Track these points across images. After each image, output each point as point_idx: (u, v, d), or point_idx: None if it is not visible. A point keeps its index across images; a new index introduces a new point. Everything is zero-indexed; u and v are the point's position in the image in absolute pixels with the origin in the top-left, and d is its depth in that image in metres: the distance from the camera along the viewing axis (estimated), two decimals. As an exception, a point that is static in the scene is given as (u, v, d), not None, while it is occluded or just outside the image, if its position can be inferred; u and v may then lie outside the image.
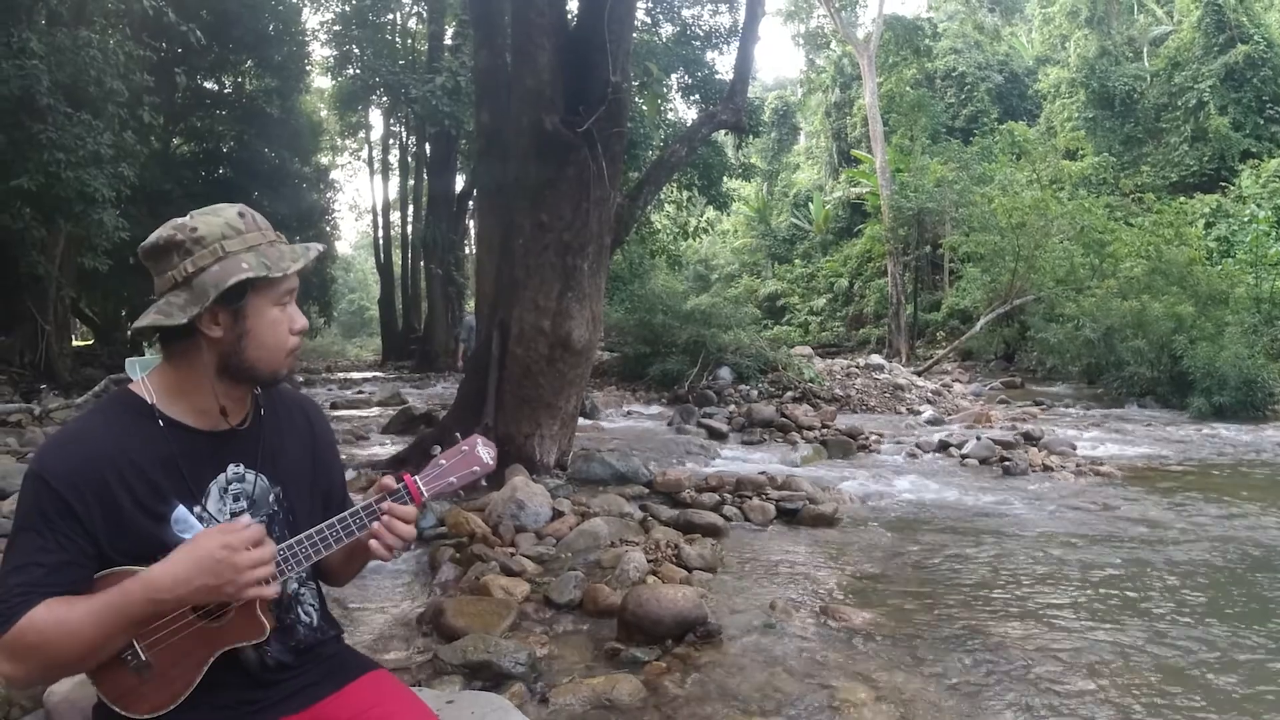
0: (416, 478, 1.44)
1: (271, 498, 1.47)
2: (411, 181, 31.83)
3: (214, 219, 1.37)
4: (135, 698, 1.32)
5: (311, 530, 1.38)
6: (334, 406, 13.25)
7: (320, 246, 1.47)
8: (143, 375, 1.43)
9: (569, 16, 7.64)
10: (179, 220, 1.37)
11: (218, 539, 1.27)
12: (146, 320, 1.35)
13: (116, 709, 1.32)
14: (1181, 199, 23.93)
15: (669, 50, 18.57)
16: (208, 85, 21.95)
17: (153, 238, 1.38)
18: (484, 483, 5.67)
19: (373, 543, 1.41)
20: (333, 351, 41.62)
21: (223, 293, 1.32)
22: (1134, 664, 3.35)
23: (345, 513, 1.41)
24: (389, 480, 1.44)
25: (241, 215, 1.39)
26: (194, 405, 1.40)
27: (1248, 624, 3.82)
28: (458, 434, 1.53)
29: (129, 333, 21.20)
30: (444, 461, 1.46)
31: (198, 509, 1.37)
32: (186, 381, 1.39)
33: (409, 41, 27.41)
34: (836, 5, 29.95)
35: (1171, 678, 3.22)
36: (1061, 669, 3.27)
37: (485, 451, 1.47)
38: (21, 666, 1.25)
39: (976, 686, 3.11)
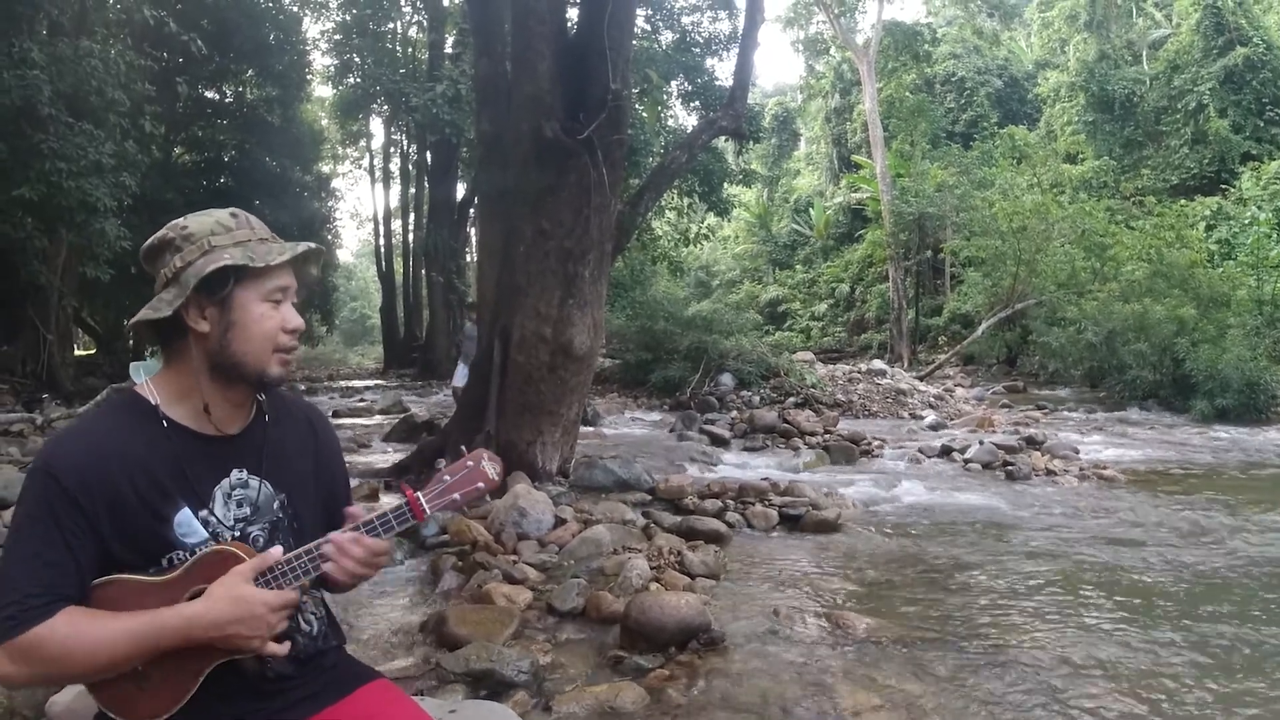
0: (419, 494, 1.42)
1: (276, 504, 1.46)
2: (412, 189, 31.91)
3: (206, 218, 1.40)
4: (131, 706, 1.31)
5: (310, 545, 1.38)
6: (336, 415, 13.25)
7: (312, 244, 1.47)
8: (146, 379, 1.43)
9: (569, 24, 7.65)
10: (175, 220, 1.41)
11: (269, 598, 1.31)
12: (138, 316, 1.36)
13: (115, 717, 1.32)
14: (1182, 202, 23.93)
15: (669, 57, 18.61)
16: (209, 94, 22.03)
17: (150, 239, 1.41)
18: (488, 497, 5.66)
19: (327, 566, 1.38)
20: (334, 360, 41.71)
21: (205, 282, 1.33)
22: (1141, 668, 3.33)
23: (347, 528, 1.40)
24: (370, 508, 1.44)
25: (234, 215, 1.42)
26: (195, 409, 1.40)
27: (1255, 627, 3.80)
28: (463, 447, 1.51)
29: (130, 341, 21.26)
30: (448, 477, 1.44)
31: (204, 513, 1.37)
32: (185, 384, 1.40)
33: (409, 50, 27.51)
34: (836, 11, 30.03)
35: (1179, 681, 3.20)
36: (1068, 674, 3.25)
37: (490, 467, 1.45)
38: (27, 671, 1.24)
39: (982, 693, 3.09)
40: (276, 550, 1.36)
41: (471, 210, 26.23)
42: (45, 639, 1.21)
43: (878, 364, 18.82)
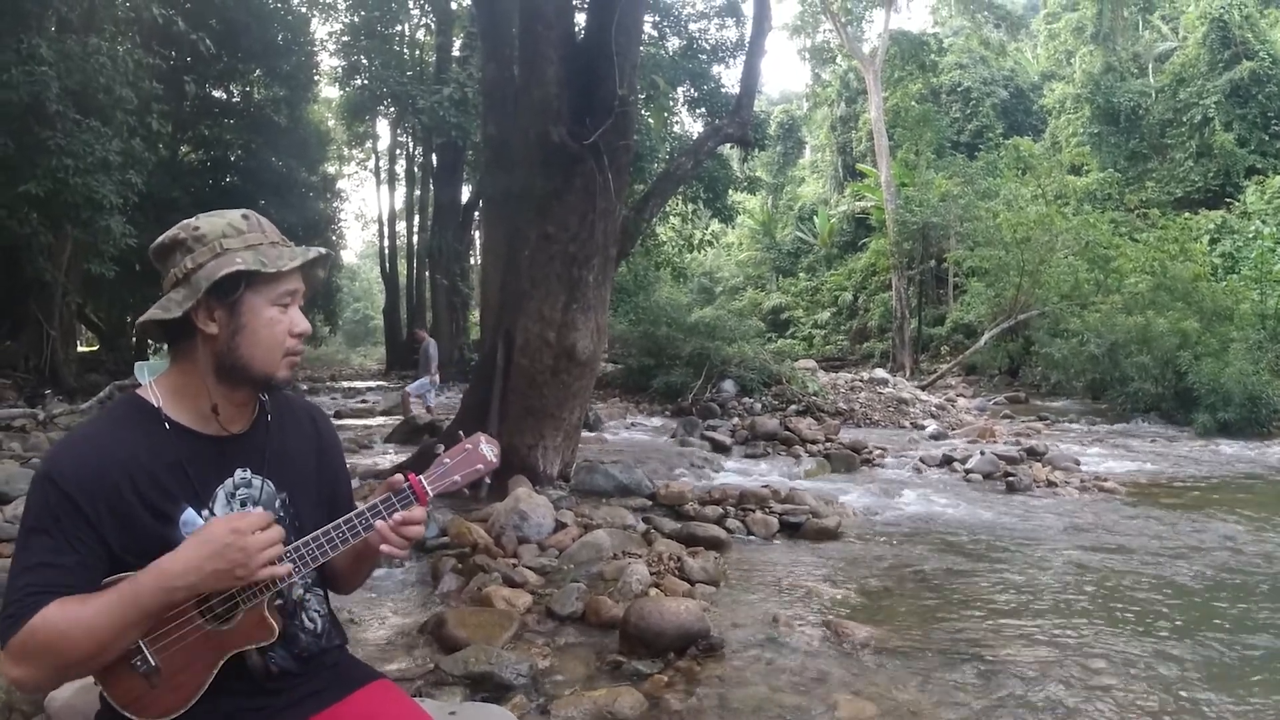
0: (421, 477, 1.43)
1: (278, 503, 1.47)
2: (418, 191, 31.98)
3: (218, 219, 1.40)
4: (145, 702, 1.32)
5: (318, 532, 1.38)
6: (338, 415, 13.27)
7: (323, 250, 1.47)
8: (151, 380, 1.43)
9: (577, 29, 7.68)
10: (186, 220, 1.41)
11: (225, 524, 1.28)
12: (146, 315, 1.37)
13: (126, 714, 1.32)
14: (1186, 215, 23.92)
15: (676, 63, 18.62)
16: (216, 94, 22.06)
17: (161, 237, 1.41)
18: (488, 480, 5.65)
19: (384, 546, 1.41)
20: (337, 360, 41.72)
21: (217, 285, 1.33)
22: (1139, 681, 3.32)
23: (351, 514, 1.41)
24: (397, 478, 1.44)
25: (245, 217, 1.41)
26: (199, 409, 1.41)
27: (1253, 641, 3.79)
28: (460, 432, 1.52)
29: (134, 338, 21.31)
30: (448, 460, 1.45)
31: (205, 513, 1.38)
32: (190, 384, 1.40)
33: (417, 53, 27.59)
34: (843, 20, 30.10)
35: (1177, 695, 3.20)
36: (1066, 686, 3.25)
37: (489, 449, 1.47)
38: (33, 668, 1.25)
39: (980, 702, 3.09)
40: (258, 512, 1.36)
41: (476, 213, 26.28)
42: (38, 626, 1.22)
43: (880, 373, 18.80)
